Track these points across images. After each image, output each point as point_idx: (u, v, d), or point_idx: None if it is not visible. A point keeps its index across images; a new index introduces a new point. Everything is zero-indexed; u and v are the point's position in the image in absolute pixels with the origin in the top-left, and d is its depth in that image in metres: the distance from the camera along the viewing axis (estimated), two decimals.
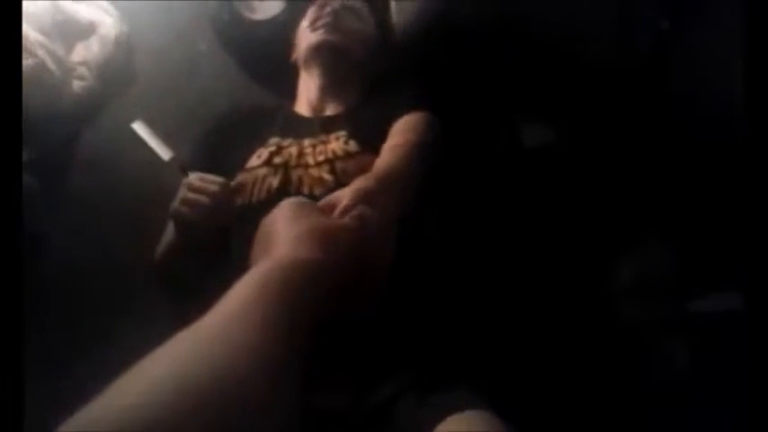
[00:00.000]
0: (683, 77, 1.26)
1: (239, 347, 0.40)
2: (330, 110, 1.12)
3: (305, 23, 1.16)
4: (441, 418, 0.67)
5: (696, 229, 1.18)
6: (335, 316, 0.56)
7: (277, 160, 1.01)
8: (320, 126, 1.07)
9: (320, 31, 1.12)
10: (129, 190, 1.31)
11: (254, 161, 1.02)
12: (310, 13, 1.16)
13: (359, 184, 0.74)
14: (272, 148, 1.03)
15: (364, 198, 0.68)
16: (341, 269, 0.56)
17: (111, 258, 1.25)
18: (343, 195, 0.69)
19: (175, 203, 0.95)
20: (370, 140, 0.99)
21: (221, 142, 1.12)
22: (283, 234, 0.57)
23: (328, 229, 0.58)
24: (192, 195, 0.93)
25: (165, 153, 1.40)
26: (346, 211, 0.65)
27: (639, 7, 1.27)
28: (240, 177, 1.01)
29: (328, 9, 1.14)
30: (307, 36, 1.14)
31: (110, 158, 1.35)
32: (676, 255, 1.18)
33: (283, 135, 1.06)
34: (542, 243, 1.23)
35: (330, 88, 1.13)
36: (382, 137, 0.99)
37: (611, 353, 1.13)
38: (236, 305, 0.44)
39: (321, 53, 1.12)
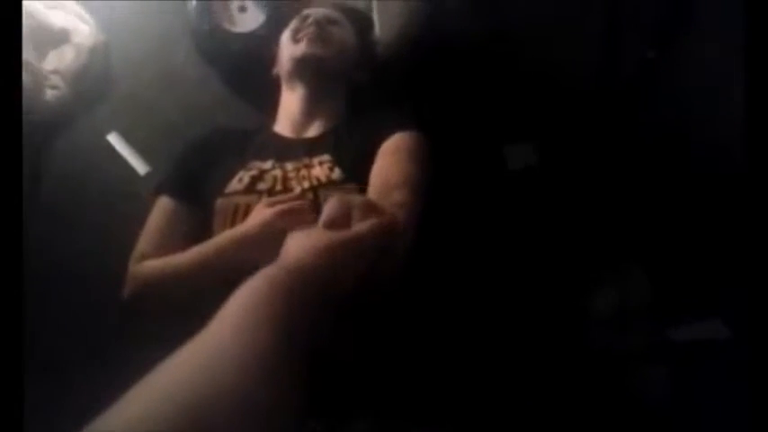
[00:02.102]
0: (664, 104, 1.27)
1: (242, 358, 0.39)
2: (313, 130, 1.09)
3: (286, 35, 1.14)
4: None
5: (679, 258, 1.18)
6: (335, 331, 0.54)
7: (261, 186, 0.97)
8: (303, 148, 1.04)
9: (303, 43, 1.10)
10: (101, 203, 1.27)
11: (236, 185, 0.98)
12: (293, 24, 1.14)
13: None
14: (254, 172, 0.99)
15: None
16: (344, 278, 0.54)
17: (81, 274, 1.21)
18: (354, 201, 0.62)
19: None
20: (356, 168, 0.96)
21: (201, 163, 1.07)
22: (291, 243, 0.57)
23: (338, 238, 0.56)
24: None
25: (141, 167, 1.37)
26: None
27: (626, 34, 1.28)
28: (220, 202, 0.97)
29: (311, 20, 1.11)
30: (289, 48, 1.12)
31: (82, 170, 1.31)
32: (657, 282, 1.17)
33: (263, 157, 1.02)
34: (521, 270, 1.21)
35: (313, 103, 1.10)
36: (369, 160, 0.96)
37: (589, 381, 1.11)
38: (240, 311, 0.44)
39: (305, 65, 1.09)
